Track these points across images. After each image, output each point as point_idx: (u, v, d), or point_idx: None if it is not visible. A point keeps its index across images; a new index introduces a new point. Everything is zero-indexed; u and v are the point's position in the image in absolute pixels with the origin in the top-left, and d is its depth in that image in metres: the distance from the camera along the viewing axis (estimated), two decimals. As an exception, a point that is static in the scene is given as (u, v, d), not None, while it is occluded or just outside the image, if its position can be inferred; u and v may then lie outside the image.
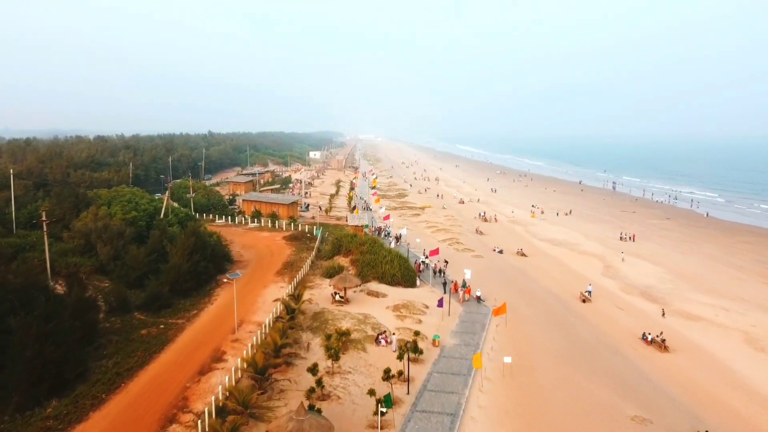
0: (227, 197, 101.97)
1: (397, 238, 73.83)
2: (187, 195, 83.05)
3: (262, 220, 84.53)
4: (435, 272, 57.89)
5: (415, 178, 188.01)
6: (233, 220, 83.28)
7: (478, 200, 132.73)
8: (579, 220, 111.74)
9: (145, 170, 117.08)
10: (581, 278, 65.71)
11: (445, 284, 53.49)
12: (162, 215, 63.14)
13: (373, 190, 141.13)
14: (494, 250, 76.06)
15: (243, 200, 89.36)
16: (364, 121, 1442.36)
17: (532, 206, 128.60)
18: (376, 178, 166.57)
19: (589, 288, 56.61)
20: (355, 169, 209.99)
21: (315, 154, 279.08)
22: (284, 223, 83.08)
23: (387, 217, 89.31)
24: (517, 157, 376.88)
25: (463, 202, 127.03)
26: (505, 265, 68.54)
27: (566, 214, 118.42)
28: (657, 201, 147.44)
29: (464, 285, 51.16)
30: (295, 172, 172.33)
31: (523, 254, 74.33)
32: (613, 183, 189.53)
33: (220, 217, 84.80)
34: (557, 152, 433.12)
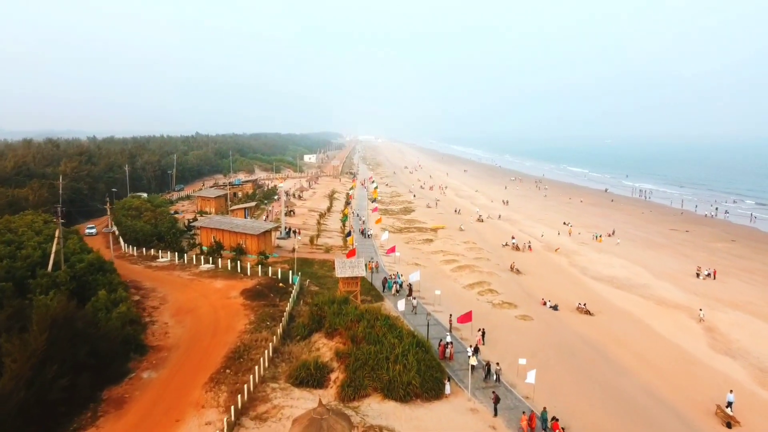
0: (188, 220, 79.85)
1: (410, 291, 51.58)
2: (105, 228, 60.60)
3: (224, 256, 62.74)
4: (485, 371, 35.69)
5: (421, 186, 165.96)
6: (182, 256, 61.05)
7: (499, 217, 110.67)
8: (629, 244, 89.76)
9: (92, 183, 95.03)
10: (687, 357, 43.71)
11: (497, 401, 31.29)
12: (50, 267, 40.96)
13: (374, 204, 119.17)
14: (545, 304, 53.88)
15: (200, 227, 67.41)
16: (364, 122, 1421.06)
17: (564, 223, 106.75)
18: (377, 187, 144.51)
19: (730, 398, 34.34)
20: (353, 176, 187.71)
21: (310, 158, 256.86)
22: (253, 260, 61.13)
23: (392, 250, 67.24)
24: (524, 159, 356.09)
25: (482, 220, 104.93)
26: (568, 335, 46.37)
27: (609, 236, 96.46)
28: (705, 215, 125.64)
29: (544, 420, 28.78)
30: (282, 180, 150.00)
31: (586, 312, 52.16)
32: (640, 191, 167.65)
33: (166, 252, 62.57)
34: (562, 154, 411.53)
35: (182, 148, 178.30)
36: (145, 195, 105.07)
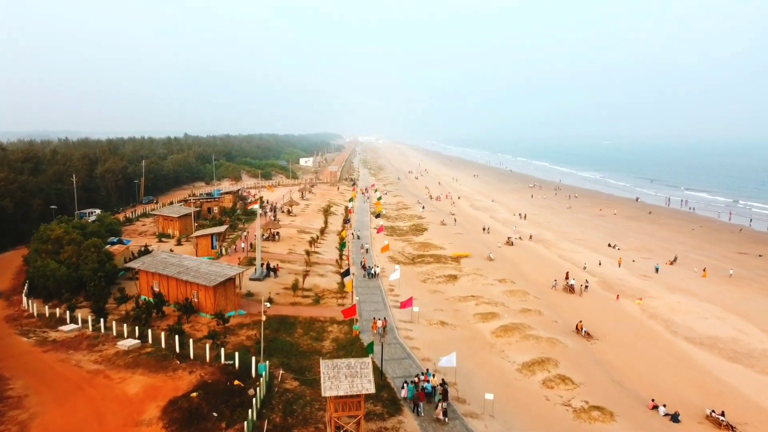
0: (132, 254, 60.30)
1: (445, 394, 31.70)
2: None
3: (167, 315, 43.32)
4: None
5: (430, 196, 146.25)
6: (99, 319, 41.26)
7: (530, 237, 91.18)
8: (698, 275, 70.85)
9: (25, 198, 75.49)
10: None
11: None
12: None
13: (378, 220, 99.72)
14: (655, 408, 34.33)
15: (138, 270, 48.05)
16: (364, 123, 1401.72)
17: (609, 245, 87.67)
18: (380, 197, 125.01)
19: None
20: (353, 183, 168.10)
21: (306, 162, 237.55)
22: (204, 327, 41.74)
23: (409, 302, 47.68)
24: (527, 160, 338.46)
25: (512, 243, 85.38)
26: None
27: (670, 264, 77.37)
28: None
29: None
30: (271, 190, 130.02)
31: (727, 426, 32.61)
32: (670, 199, 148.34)
33: (83, 311, 42.85)
34: (565, 156, 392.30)
35: (161, 152, 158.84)
36: (98, 212, 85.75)
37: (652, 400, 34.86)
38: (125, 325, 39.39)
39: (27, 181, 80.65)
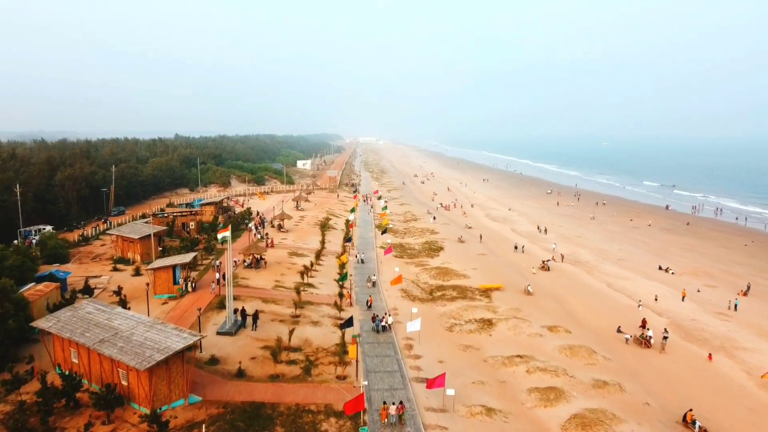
0: (64, 296, 45.72)
1: None
2: None
3: (82, 409, 28.87)
4: None
5: (440, 204, 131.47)
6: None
7: (563, 258, 76.65)
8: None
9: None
10: None
11: None
12: None
13: (385, 236, 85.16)
14: None
15: (52, 333, 33.47)
16: (364, 123, 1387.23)
17: (661, 268, 73.42)
18: (386, 207, 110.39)
19: None
20: (354, 189, 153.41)
21: (304, 164, 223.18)
22: (134, 427, 27.21)
23: (441, 381, 32.83)
24: (532, 161, 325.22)
25: (548, 268, 70.80)
26: None
27: (743, 295, 63.10)
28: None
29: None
30: (263, 198, 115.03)
31: None
32: (703, 207, 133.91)
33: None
34: (567, 156, 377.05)
35: (143, 155, 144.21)
36: (48, 229, 71.42)
37: None
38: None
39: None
